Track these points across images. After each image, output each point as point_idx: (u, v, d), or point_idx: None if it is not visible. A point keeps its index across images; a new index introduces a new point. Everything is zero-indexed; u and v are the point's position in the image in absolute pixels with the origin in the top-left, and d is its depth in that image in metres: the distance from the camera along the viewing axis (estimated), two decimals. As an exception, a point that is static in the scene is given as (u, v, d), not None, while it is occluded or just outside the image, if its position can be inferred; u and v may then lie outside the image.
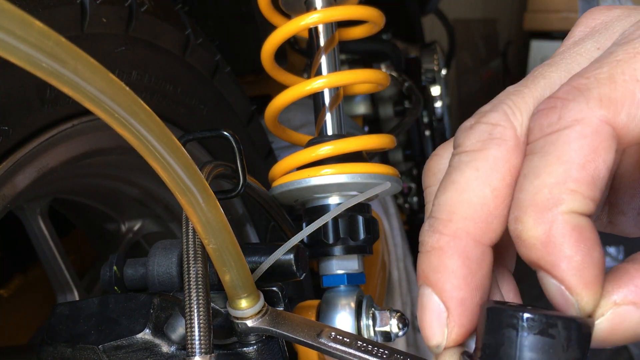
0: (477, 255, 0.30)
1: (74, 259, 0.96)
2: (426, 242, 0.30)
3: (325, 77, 0.66)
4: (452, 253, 0.29)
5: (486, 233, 0.30)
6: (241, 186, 0.56)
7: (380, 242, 1.14)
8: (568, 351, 0.26)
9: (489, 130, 0.30)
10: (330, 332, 0.41)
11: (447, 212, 0.30)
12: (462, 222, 0.30)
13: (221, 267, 0.39)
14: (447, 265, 0.29)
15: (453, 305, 0.29)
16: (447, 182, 0.31)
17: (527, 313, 0.26)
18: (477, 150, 0.30)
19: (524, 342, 0.26)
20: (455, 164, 0.31)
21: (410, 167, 1.73)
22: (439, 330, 0.30)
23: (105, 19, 0.57)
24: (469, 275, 0.29)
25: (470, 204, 0.30)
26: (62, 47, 0.24)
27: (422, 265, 0.30)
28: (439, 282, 0.29)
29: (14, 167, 0.51)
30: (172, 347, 0.45)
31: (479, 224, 0.30)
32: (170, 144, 0.31)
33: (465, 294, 0.29)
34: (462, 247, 0.29)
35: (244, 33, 1.16)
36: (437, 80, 1.85)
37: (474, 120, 0.32)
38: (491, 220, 0.30)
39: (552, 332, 0.26)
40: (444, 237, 0.30)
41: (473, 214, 0.30)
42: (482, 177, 0.30)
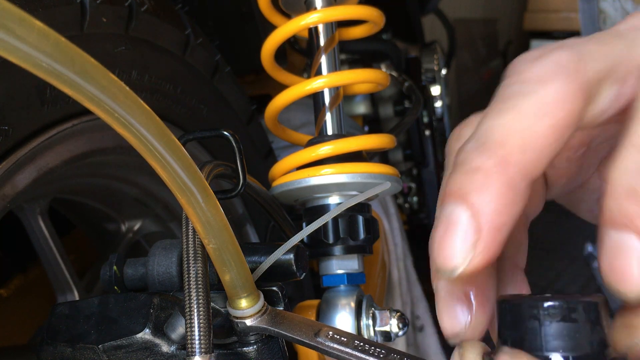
0: (520, 188, 0.27)
1: (74, 259, 0.96)
2: (469, 161, 0.28)
3: (325, 77, 0.66)
4: (498, 178, 0.27)
5: (535, 169, 0.28)
6: (241, 186, 0.56)
7: (380, 242, 1.14)
8: (593, 332, 0.26)
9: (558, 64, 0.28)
10: (328, 331, 0.41)
11: (501, 137, 0.28)
12: (515, 150, 0.27)
13: (221, 267, 0.39)
14: (491, 188, 0.27)
15: (489, 228, 0.27)
16: (504, 106, 0.28)
17: (547, 302, 0.26)
18: (544, 81, 0.28)
19: (548, 331, 0.26)
20: (516, 91, 0.29)
21: (410, 167, 1.73)
22: (463, 251, 0.27)
23: (105, 18, 0.57)
24: (510, 204, 0.27)
25: (527, 134, 0.27)
26: (62, 47, 0.24)
27: (458, 184, 0.28)
28: (479, 202, 0.27)
29: (14, 167, 0.51)
30: (172, 347, 0.45)
31: (530, 157, 0.27)
32: (170, 143, 0.31)
33: (503, 222, 0.27)
34: (511, 175, 0.27)
35: (244, 33, 1.16)
36: (437, 80, 1.85)
37: (537, 52, 0.29)
38: (542, 157, 0.28)
39: (574, 317, 0.25)
40: (492, 159, 0.27)
41: (528, 144, 0.27)
42: (545, 110, 0.27)
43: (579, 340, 0.25)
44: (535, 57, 0.29)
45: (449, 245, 0.27)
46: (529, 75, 0.29)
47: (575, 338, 0.25)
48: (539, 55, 0.29)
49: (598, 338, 0.26)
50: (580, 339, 0.25)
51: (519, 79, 0.29)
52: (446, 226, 0.27)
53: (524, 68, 0.29)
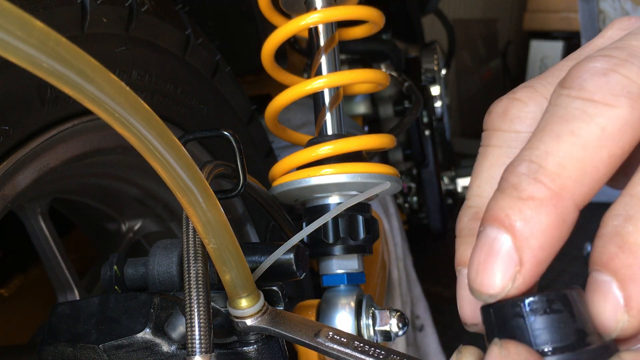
0: (571, 220, 0.27)
1: (75, 259, 0.96)
2: (523, 189, 0.27)
3: (325, 77, 0.66)
4: (551, 211, 0.26)
5: (586, 199, 0.27)
6: (241, 186, 0.56)
7: (380, 242, 1.14)
8: (577, 320, 0.26)
9: (627, 85, 0.26)
10: (327, 332, 0.41)
11: (557, 165, 0.26)
12: (570, 181, 0.26)
13: (221, 267, 0.39)
14: (541, 221, 0.26)
15: (530, 264, 0.26)
16: (563, 129, 0.27)
17: (527, 298, 0.26)
18: (609, 105, 0.26)
19: (534, 325, 0.26)
20: (576, 112, 0.27)
21: (410, 166, 1.73)
22: (502, 280, 0.27)
23: (105, 19, 0.57)
24: (557, 238, 0.27)
25: (585, 164, 0.26)
26: (63, 47, 0.24)
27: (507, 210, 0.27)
28: (524, 235, 0.26)
29: (14, 167, 0.51)
30: (173, 347, 0.45)
31: (585, 189, 0.26)
32: (170, 143, 0.31)
33: (546, 257, 0.27)
34: (563, 207, 0.26)
35: (244, 33, 1.16)
36: (437, 80, 1.85)
37: (606, 63, 0.27)
38: (595, 186, 0.27)
39: (556, 308, 0.26)
40: (545, 190, 0.26)
41: (584, 176, 0.26)
42: (606, 138, 0.26)
43: (565, 329, 0.26)
44: (602, 71, 0.27)
45: (489, 273, 0.27)
46: (593, 94, 0.27)
47: (562, 327, 0.26)
48: (608, 69, 0.27)
49: (582, 325, 0.26)
50: (566, 328, 0.26)
51: (581, 94, 0.27)
52: (488, 252, 0.27)
53: (589, 84, 0.27)
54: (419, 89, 1.51)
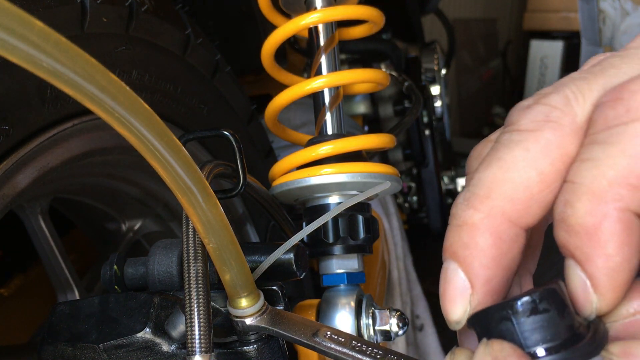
0: (510, 237, 0.28)
1: (75, 258, 0.96)
2: (459, 216, 0.29)
3: (325, 77, 0.66)
4: (484, 231, 0.28)
5: (523, 216, 0.28)
6: (241, 185, 0.56)
7: (380, 242, 1.14)
8: (565, 317, 0.26)
9: (547, 112, 0.29)
10: (326, 331, 0.41)
11: (486, 188, 0.29)
12: (500, 201, 0.28)
13: (221, 267, 0.39)
14: (477, 242, 0.28)
15: (479, 283, 0.28)
16: (492, 158, 0.29)
17: (514, 301, 0.27)
18: (531, 131, 0.29)
19: (524, 327, 0.26)
20: (504, 142, 0.29)
21: (410, 166, 1.73)
22: (461, 306, 0.29)
23: (105, 18, 0.57)
24: (498, 255, 0.28)
25: (513, 183, 0.28)
26: (63, 46, 0.24)
27: (450, 240, 0.29)
28: (467, 259, 0.29)
29: (14, 167, 0.51)
30: (173, 346, 0.45)
31: (517, 206, 0.28)
32: (170, 143, 0.31)
33: (493, 274, 0.28)
34: (496, 226, 0.28)
35: (244, 33, 1.16)
36: (436, 79, 1.85)
37: (532, 100, 0.30)
38: (531, 204, 0.28)
39: (543, 307, 0.26)
40: (478, 213, 0.29)
41: (513, 194, 0.28)
42: (530, 158, 0.28)
43: (554, 327, 0.26)
44: (527, 105, 0.30)
45: (449, 301, 0.29)
46: (519, 125, 0.29)
47: (551, 326, 0.26)
48: (532, 103, 0.30)
49: (570, 319, 0.26)
50: (555, 326, 0.26)
51: (510, 129, 0.30)
52: (444, 282, 0.29)
53: (515, 118, 0.30)
54: (419, 89, 1.51)
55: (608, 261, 0.26)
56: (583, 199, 0.26)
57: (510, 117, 0.30)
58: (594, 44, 1.83)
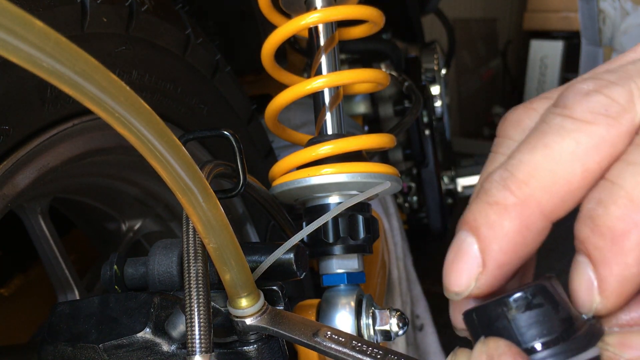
0: (537, 229, 0.28)
1: (75, 258, 0.96)
2: (492, 194, 0.28)
3: (325, 77, 0.66)
4: (515, 217, 0.27)
5: (556, 210, 0.28)
6: (241, 185, 0.56)
7: (380, 242, 1.14)
8: (559, 311, 0.26)
9: (607, 105, 0.27)
10: (326, 331, 0.41)
11: (526, 173, 0.27)
12: (538, 191, 0.27)
13: (221, 266, 0.39)
14: (504, 226, 0.27)
15: (492, 266, 0.28)
16: (539, 142, 0.28)
17: (508, 298, 0.27)
18: (586, 122, 0.27)
19: (519, 323, 0.26)
20: (554, 127, 0.28)
21: (410, 166, 1.73)
22: (466, 280, 0.28)
23: (105, 18, 0.57)
24: (520, 244, 0.28)
25: (555, 176, 0.27)
26: (63, 46, 0.24)
27: (475, 214, 0.28)
28: (487, 238, 0.28)
29: (14, 167, 0.51)
30: (173, 346, 0.45)
31: (554, 199, 0.27)
32: (170, 143, 0.31)
33: (508, 261, 0.28)
34: (528, 216, 0.27)
35: (244, 33, 1.16)
36: (436, 79, 1.85)
37: (592, 85, 0.28)
38: (567, 200, 0.27)
39: (537, 302, 0.26)
40: (512, 197, 0.27)
41: (553, 187, 0.27)
42: (579, 153, 0.27)
43: (549, 321, 0.26)
44: (586, 91, 0.28)
45: (456, 271, 0.29)
46: (572, 112, 0.28)
47: (546, 320, 0.26)
48: (592, 90, 0.28)
49: (565, 313, 0.27)
50: (550, 320, 0.26)
51: (563, 112, 0.28)
52: (456, 252, 0.29)
53: (570, 102, 0.28)
54: (419, 89, 1.51)
55: (625, 270, 0.25)
56: (619, 203, 0.25)
57: (565, 99, 0.29)
58: (594, 44, 1.83)
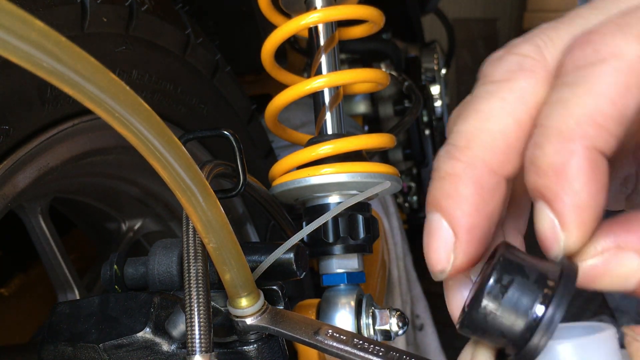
0: (491, 185, 0.29)
1: (75, 258, 0.96)
2: (440, 168, 0.29)
3: (325, 77, 0.66)
4: (466, 180, 0.29)
5: (503, 164, 0.29)
6: (241, 185, 0.56)
7: (380, 241, 1.14)
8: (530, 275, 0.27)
9: (519, 61, 0.29)
10: (327, 330, 0.41)
11: (465, 140, 0.29)
12: (480, 151, 0.29)
13: (221, 266, 0.39)
14: (460, 191, 0.29)
15: (462, 231, 0.29)
16: (469, 110, 0.30)
17: (483, 295, 0.27)
18: (505, 80, 0.29)
19: (504, 312, 0.27)
20: (480, 94, 0.30)
21: (410, 166, 1.73)
22: (445, 255, 0.29)
23: (105, 18, 0.57)
24: (481, 203, 0.29)
25: (491, 132, 0.29)
26: (63, 46, 0.24)
27: (433, 191, 0.30)
28: (449, 208, 0.29)
29: (14, 166, 0.51)
30: (173, 346, 0.45)
31: (497, 154, 0.29)
32: (170, 143, 0.31)
33: (475, 222, 0.29)
34: (477, 175, 0.29)
35: (244, 32, 1.16)
36: (436, 79, 1.85)
37: (503, 51, 0.30)
38: (510, 151, 0.29)
39: (507, 281, 0.27)
40: (459, 163, 0.29)
41: (492, 143, 0.29)
42: (507, 107, 0.29)
43: (529, 291, 0.27)
44: (498, 56, 0.30)
45: (432, 250, 0.29)
46: (493, 76, 0.29)
47: (526, 293, 0.27)
48: (503, 53, 0.30)
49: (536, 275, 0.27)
50: (529, 290, 0.27)
51: (484, 80, 0.30)
52: (428, 234, 0.29)
53: (489, 70, 0.30)
54: (419, 89, 1.51)
55: (575, 197, 0.26)
56: (551, 139, 0.26)
57: (484, 70, 0.31)
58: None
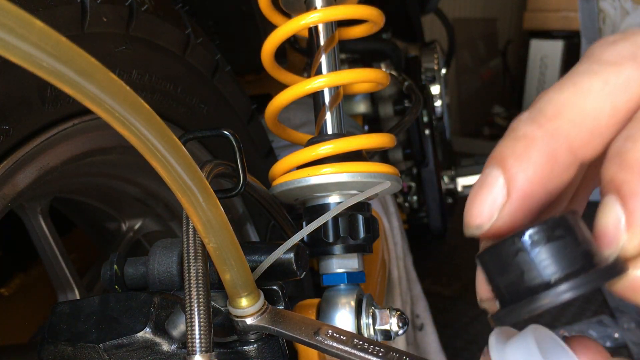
0: (565, 163, 0.28)
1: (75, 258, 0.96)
2: (518, 129, 0.28)
3: (325, 77, 0.66)
4: (542, 147, 0.27)
5: (585, 146, 0.28)
6: (241, 185, 0.56)
7: (380, 241, 1.14)
8: (582, 242, 0.26)
9: (634, 49, 0.28)
10: (327, 330, 0.41)
11: (555, 109, 0.28)
12: (566, 124, 0.27)
13: (221, 266, 0.39)
14: (530, 155, 0.27)
15: (517, 195, 0.27)
16: (567, 82, 0.28)
17: (527, 231, 0.26)
18: (613, 64, 0.28)
19: (541, 257, 0.25)
20: (583, 70, 0.28)
21: (410, 166, 1.73)
22: (488, 211, 0.28)
23: (105, 18, 0.57)
24: (547, 176, 0.27)
25: (583, 110, 0.27)
26: (63, 46, 0.24)
27: (501, 148, 0.28)
28: (513, 168, 0.27)
29: (14, 166, 0.51)
30: (173, 346, 0.46)
31: (582, 133, 0.27)
32: (170, 143, 0.31)
33: (534, 192, 0.27)
34: (555, 147, 0.27)
35: (244, 32, 1.16)
36: (436, 79, 1.85)
37: (618, 36, 0.29)
38: (596, 136, 0.27)
39: (558, 234, 0.25)
40: (540, 130, 0.27)
41: (581, 121, 0.27)
42: (608, 89, 0.27)
43: (571, 253, 0.25)
44: (612, 40, 0.29)
45: (478, 203, 0.28)
46: (601, 57, 0.28)
47: (568, 252, 0.25)
48: (618, 39, 0.29)
49: (586, 247, 0.26)
50: (572, 251, 0.25)
51: (590, 60, 0.29)
52: (480, 185, 0.28)
53: (599, 50, 0.29)
54: (419, 88, 1.51)
55: None
56: None
57: (593, 50, 0.29)
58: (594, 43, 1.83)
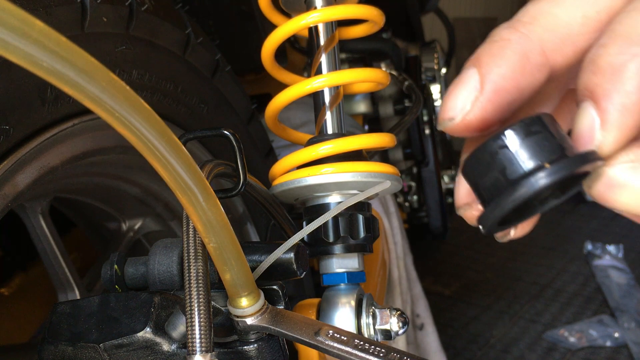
0: (537, 62, 0.29)
1: (75, 258, 0.96)
2: (496, 34, 0.30)
3: (325, 76, 0.66)
4: (515, 46, 0.29)
5: (556, 50, 0.29)
6: (241, 185, 0.56)
7: (381, 241, 1.14)
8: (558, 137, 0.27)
9: None
10: (328, 330, 0.41)
11: (530, 17, 0.30)
12: (540, 28, 0.29)
13: (222, 266, 0.39)
14: (504, 53, 0.29)
15: (489, 88, 0.29)
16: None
17: (506, 130, 0.27)
18: None
19: (520, 151, 0.27)
20: None
21: (410, 165, 1.73)
22: (461, 103, 0.29)
23: (105, 18, 0.57)
24: (519, 73, 0.29)
25: (557, 18, 0.29)
26: (63, 46, 0.24)
27: (479, 51, 0.30)
28: (488, 65, 0.29)
29: (15, 166, 0.51)
30: (173, 346, 0.45)
31: (555, 38, 0.29)
32: (170, 142, 0.31)
33: (506, 87, 0.29)
34: (528, 47, 0.29)
35: (244, 32, 1.16)
36: (437, 78, 1.85)
37: None
38: (567, 44, 0.29)
39: (535, 129, 0.27)
40: (516, 33, 0.29)
41: (554, 27, 0.29)
42: (579, 2, 0.29)
43: (549, 145, 0.27)
44: None
45: (453, 97, 0.30)
46: None
47: (546, 144, 0.27)
48: None
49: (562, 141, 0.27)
50: (550, 144, 0.27)
51: None
52: (456, 83, 0.30)
53: None
54: (419, 88, 1.51)
55: (624, 97, 0.26)
56: (617, 41, 0.26)
57: None
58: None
